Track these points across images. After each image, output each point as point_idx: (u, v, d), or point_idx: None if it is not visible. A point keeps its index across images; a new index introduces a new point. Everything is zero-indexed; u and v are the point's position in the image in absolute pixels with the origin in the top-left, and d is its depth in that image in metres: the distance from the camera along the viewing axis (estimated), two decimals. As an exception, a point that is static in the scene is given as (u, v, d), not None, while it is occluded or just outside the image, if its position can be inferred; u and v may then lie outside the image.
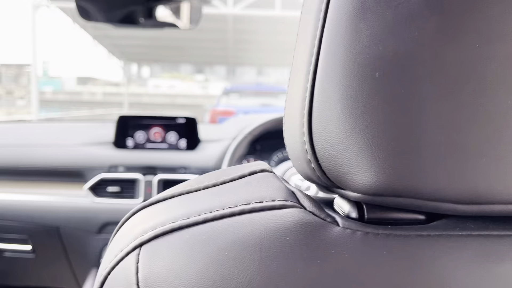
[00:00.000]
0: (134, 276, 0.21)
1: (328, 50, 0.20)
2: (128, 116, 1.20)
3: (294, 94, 0.23)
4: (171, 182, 1.14)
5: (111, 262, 0.23)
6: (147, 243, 0.21)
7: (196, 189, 0.25)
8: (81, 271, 1.21)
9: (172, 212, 0.23)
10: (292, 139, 0.24)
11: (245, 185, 0.24)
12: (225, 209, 0.22)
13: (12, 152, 1.17)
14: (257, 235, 0.20)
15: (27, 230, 1.13)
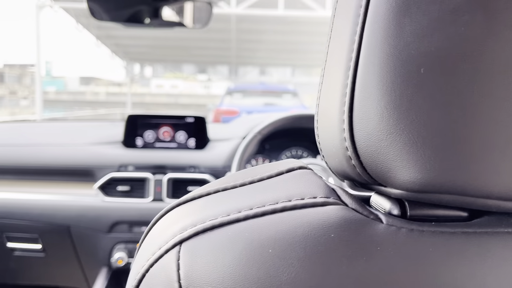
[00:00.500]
0: (175, 273, 0.21)
1: (369, 46, 0.20)
2: (137, 116, 1.20)
3: (330, 91, 0.23)
4: (180, 181, 1.14)
5: (149, 260, 0.22)
6: (187, 240, 0.21)
7: (232, 187, 0.25)
8: (91, 270, 1.22)
9: (211, 209, 0.23)
10: (328, 136, 0.24)
11: (284, 182, 0.24)
12: (266, 206, 0.22)
13: (23, 151, 1.17)
14: (301, 232, 0.20)
15: (38, 229, 1.13)
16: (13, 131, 1.33)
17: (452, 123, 0.19)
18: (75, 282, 1.28)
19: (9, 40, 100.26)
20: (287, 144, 1.28)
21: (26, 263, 1.24)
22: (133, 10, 0.97)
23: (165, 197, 1.12)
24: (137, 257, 0.25)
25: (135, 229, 1.12)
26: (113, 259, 1.12)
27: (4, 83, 21.47)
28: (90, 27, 11.14)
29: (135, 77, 17.62)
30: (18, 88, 21.68)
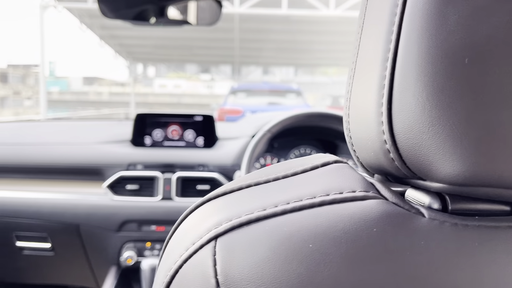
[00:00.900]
0: (211, 268, 0.20)
1: (409, 37, 0.20)
2: (146, 114, 1.20)
3: (364, 84, 0.23)
4: (189, 180, 1.14)
5: (182, 256, 0.22)
6: (223, 235, 0.21)
7: (265, 181, 0.24)
8: (99, 269, 1.21)
9: (246, 204, 0.22)
10: (363, 130, 0.23)
11: (320, 176, 0.24)
12: (304, 200, 0.21)
13: (32, 150, 1.17)
14: (342, 227, 0.20)
15: (47, 228, 1.13)
16: (22, 130, 1.33)
17: (498, 114, 0.18)
18: (84, 281, 1.28)
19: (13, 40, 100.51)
20: (295, 143, 1.28)
21: (35, 262, 1.24)
22: (142, 9, 0.96)
23: (174, 196, 1.12)
24: (167, 253, 0.25)
25: (144, 228, 1.12)
26: (122, 258, 1.11)
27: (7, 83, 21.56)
28: (94, 27, 11.16)
29: (138, 77, 17.66)
30: (22, 89, 21.77)
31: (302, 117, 1.07)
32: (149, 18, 0.97)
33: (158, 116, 1.20)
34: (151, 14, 0.98)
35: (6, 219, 1.13)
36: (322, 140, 1.29)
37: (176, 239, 0.25)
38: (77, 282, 1.31)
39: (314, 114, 1.09)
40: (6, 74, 21.96)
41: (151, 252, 1.12)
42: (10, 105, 20.50)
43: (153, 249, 1.13)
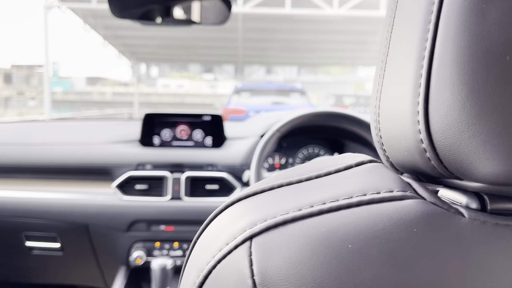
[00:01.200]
0: (247, 269, 0.20)
1: (446, 35, 0.19)
2: (154, 114, 1.19)
3: (397, 83, 0.23)
4: (198, 180, 1.13)
5: (216, 256, 0.22)
6: (259, 235, 0.21)
7: (297, 181, 0.24)
8: (108, 269, 1.21)
9: (280, 204, 0.22)
10: (396, 129, 0.23)
11: (354, 176, 0.24)
12: (340, 200, 0.21)
13: (41, 150, 1.18)
14: (382, 227, 0.20)
15: (56, 228, 1.14)
16: (31, 130, 1.33)
17: None
18: (92, 281, 1.28)
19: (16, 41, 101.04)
20: (303, 142, 1.27)
21: (45, 262, 1.24)
22: (150, 8, 0.96)
23: (183, 196, 1.12)
24: (197, 253, 0.24)
25: (153, 227, 1.12)
26: (131, 258, 1.11)
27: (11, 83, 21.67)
28: (97, 27, 11.19)
29: (142, 77, 17.70)
30: (25, 89, 21.87)
31: (311, 116, 1.06)
32: (157, 18, 0.97)
33: (167, 116, 1.20)
34: (159, 13, 0.97)
35: (16, 219, 1.13)
36: (329, 139, 1.28)
37: (206, 239, 0.24)
38: (86, 282, 1.31)
39: (323, 113, 1.08)
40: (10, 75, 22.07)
41: (160, 252, 1.12)
42: (14, 105, 20.60)
43: (162, 249, 1.12)
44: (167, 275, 0.99)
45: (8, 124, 1.48)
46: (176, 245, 1.13)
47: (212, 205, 1.12)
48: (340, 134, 1.24)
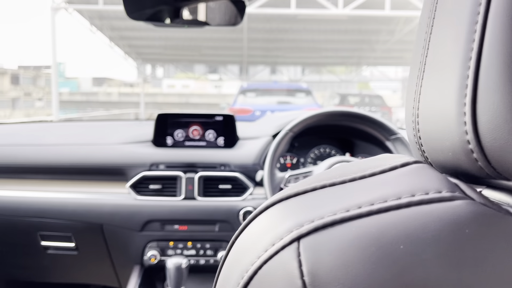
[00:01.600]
0: (296, 269, 0.20)
1: (495, 36, 0.19)
2: (167, 114, 1.20)
3: (440, 84, 0.22)
4: (212, 179, 1.14)
5: (261, 257, 0.22)
6: (307, 236, 0.21)
7: (340, 182, 0.24)
8: (122, 268, 1.22)
9: (327, 205, 0.22)
10: (439, 130, 0.23)
11: (401, 177, 0.23)
12: (389, 201, 0.21)
13: (56, 151, 1.19)
14: (433, 228, 0.20)
15: (71, 227, 1.15)
16: (44, 131, 1.35)
17: None
18: (106, 280, 1.29)
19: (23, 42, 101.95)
20: (314, 142, 1.27)
21: (59, 261, 1.25)
22: (164, 9, 0.97)
23: (197, 195, 1.12)
24: (238, 254, 0.24)
25: (167, 227, 1.13)
26: (146, 257, 1.12)
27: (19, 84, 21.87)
28: (104, 28, 11.26)
29: (147, 78, 17.79)
30: (33, 90, 22.06)
31: (324, 116, 1.07)
32: (170, 19, 0.98)
33: (179, 116, 1.20)
34: (173, 15, 0.98)
35: (31, 219, 1.14)
36: (338, 138, 1.28)
37: (248, 240, 0.24)
38: (100, 281, 1.32)
39: (336, 112, 1.08)
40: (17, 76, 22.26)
41: (174, 251, 1.13)
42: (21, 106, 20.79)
43: (176, 248, 1.13)
44: (182, 274, 1.00)
45: (22, 125, 1.50)
46: (190, 244, 1.13)
47: (225, 204, 1.12)
48: (350, 133, 1.24)
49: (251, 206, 1.11)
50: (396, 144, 1.07)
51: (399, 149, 1.06)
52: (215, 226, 1.13)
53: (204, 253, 1.14)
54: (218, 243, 1.14)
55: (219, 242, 1.14)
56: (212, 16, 0.95)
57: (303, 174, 1.02)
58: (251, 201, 1.13)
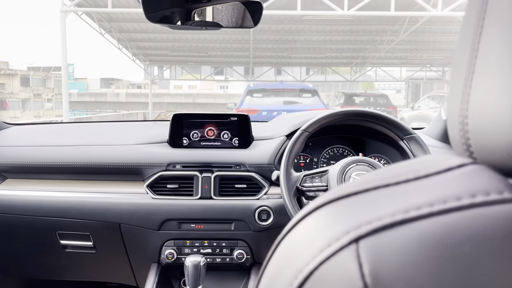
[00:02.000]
0: (357, 271, 0.20)
1: None
2: (182, 115, 1.23)
3: (494, 85, 0.22)
4: (227, 179, 1.17)
5: (317, 258, 0.22)
6: (366, 237, 0.21)
7: (395, 183, 0.24)
8: (138, 267, 1.25)
9: (384, 206, 0.22)
10: (494, 131, 0.23)
11: (459, 178, 0.23)
12: (449, 202, 0.21)
13: (74, 151, 1.22)
14: (497, 229, 0.20)
15: (89, 227, 1.17)
16: (63, 131, 1.38)
17: None
18: (123, 279, 1.32)
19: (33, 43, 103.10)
20: (326, 141, 1.29)
21: (77, 260, 1.28)
22: (182, 12, 1.00)
23: (213, 195, 1.15)
24: (288, 255, 0.25)
25: (183, 226, 1.15)
26: (163, 256, 1.15)
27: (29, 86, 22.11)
28: (112, 30, 11.37)
29: (155, 79, 17.91)
30: (42, 91, 22.30)
31: (340, 115, 1.08)
32: (187, 21, 1.01)
33: (195, 117, 1.23)
34: (190, 17, 1.01)
35: (50, 218, 1.17)
36: (354, 139, 1.30)
37: (299, 240, 0.25)
38: (116, 279, 1.35)
39: (352, 112, 1.10)
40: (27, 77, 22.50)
41: (191, 250, 1.16)
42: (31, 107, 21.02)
43: (193, 247, 1.16)
44: (200, 272, 1.02)
45: (39, 126, 1.54)
46: (206, 243, 1.16)
47: (241, 203, 1.15)
48: (361, 132, 1.25)
49: (266, 205, 1.14)
50: (411, 143, 1.08)
51: (414, 148, 1.08)
52: (231, 225, 1.15)
53: (220, 252, 1.16)
54: (234, 242, 1.16)
55: (235, 241, 1.16)
56: (229, 18, 0.98)
57: (318, 174, 1.04)
58: (266, 200, 1.15)
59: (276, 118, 1.43)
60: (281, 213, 1.13)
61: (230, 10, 0.98)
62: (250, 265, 1.18)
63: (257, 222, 1.14)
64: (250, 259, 1.16)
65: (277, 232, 1.22)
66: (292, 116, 1.35)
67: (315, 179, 1.03)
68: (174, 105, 19.90)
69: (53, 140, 1.28)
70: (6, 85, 20.94)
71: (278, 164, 1.17)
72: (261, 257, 1.19)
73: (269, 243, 1.18)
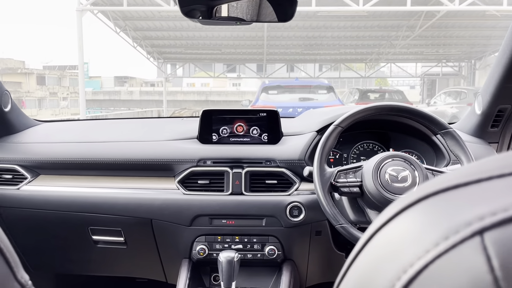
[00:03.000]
0: (484, 264, 0.19)
1: None
2: (212, 111, 1.23)
3: None
4: (258, 175, 1.16)
5: (430, 251, 0.21)
6: (491, 229, 0.20)
7: (510, 173, 0.23)
8: (168, 262, 1.25)
9: (505, 197, 0.21)
10: None
11: None
12: None
13: (107, 147, 1.23)
14: None
15: (121, 222, 1.18)
16: (94, 128, 1.40)
17: None
18: (153, 274, 1.32)
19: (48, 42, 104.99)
20: (355, 136, 1.27)
21: (108, 255, 1.29)
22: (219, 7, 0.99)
23: (244, 190, 1.15)
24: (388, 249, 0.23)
25: (215, 221, 1.15)
26: (194, 251, 1.15)
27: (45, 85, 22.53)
28: (127, 29, 11.48)
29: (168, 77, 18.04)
30: (58, 89, 22.70)
31: (374, 110, 1.06)
32: (221, 17, 1.00)
33: (224, 113, 1.22)
34: (223, 12, 1.01)
35: (83, 214, 1.18)
36: (376, 133, 1.28)
37: (399, 235, 0.23)
38: (146, 275, 1.35)
39: (387, 107, 1.07)
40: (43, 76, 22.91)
41: (222, 245, 1.16)
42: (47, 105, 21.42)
43: (224, 242, 1.16)
44: (234, 268, 1.02)
45: (69, 123, 1.56)
46: (237, 238, 1.16)
47: (272, 199, 1.14)
48: (390, 127, 1.23)
49: (298, 201, 1.13)
50: (446, 138, 1.06)
51: (450, 143, 1.05)
52: (262, 221, 1.15)
53: (251, 247, 1.15)
54: (265, 238, 1.16)
55: (266, 237, 1.16)
56: (263, 13, 0.97)
57: (352, 169, 1.02)
58: (297, 196, 1.14)
59: (303, 114, 1.42)
60: (312, 209, 1.12)
61: (264, 4, 0.97)
62: (281, 261, 1.18)
63: (289, 218, 1.13)
64: (281, 255, 1.16)
65: (307, 228, 1.22)
66: (321, 111, 1.33)
67: (349, 175, 1.02)
68: (187, 103, 20.01)
69: (84, 137, 1.29)
70: (23, 83, 21.38)
71: (309, 160, 1.16)
72: (291, 253, 1.18)
73: (299, 239, 1.18)
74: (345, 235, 0.97)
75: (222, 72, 19.49)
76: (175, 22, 11.00)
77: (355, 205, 1.07)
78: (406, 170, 0.98)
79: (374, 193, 0.96)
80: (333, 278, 1.33)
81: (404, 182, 0.97)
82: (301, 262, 1.22)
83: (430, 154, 1.21)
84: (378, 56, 16.26)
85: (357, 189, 1.00)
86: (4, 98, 1.22)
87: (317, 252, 1.21)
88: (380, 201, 0.96)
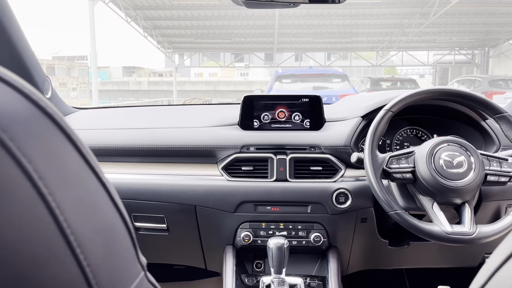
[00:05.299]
0: None
1: None
2: (253, 97, 1.21)
3: None
4: (302, 161, 1.15)
5: None
6: None
7: None
8: (209, 249, 1.25)
9: None
10: None
11: None
12: None
13: (150, 133, 1.21)
14: None
15: (164, 209, 1.17)
16: (130, 115, 1.39)
17: None
18: (192, 261, 1.32)
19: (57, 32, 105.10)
20: (400, 124, 1.25)
21: (149, 242, 1.28)
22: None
23: (288, 177, 1.14)
24: None
25: (259, 208, 1.14)
26: (239, 238, 1.15)
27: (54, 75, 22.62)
28: (138, 18, 11.43)
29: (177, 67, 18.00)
30: (67, 80, 22.80)
31: (426, 94, 1.03)
32: None
33: (265, 99, 1.21)
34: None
35: (127, 201, 1.17)
36: (419, 118, 1.25)
37: None
38: (186, 261, 1.35)
39: (439, 91, 1.04)
40: (53, 66, 23.00)
41: (266, 232, 1.15)
42: (57, 96, 21.50)
43: (268, 229, 1.15)
44: (284, 254, 1.01)
45: (106, 110, 1.55)
46: (282, 225, 1.15)
47: (317, 186, 1.13)
48: (436, 112, 1.20)
49: (344, 188, 1.12)
50: (501, 123, 1.03)
51: (505, 128, 1.02)
52: (308, 207, 1.13)
53: (296, 234, 1.14)
54: (310, 225, 1.15)
55: (311, 224, 1.14)
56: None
57: (405, 155, 1.01)
58: (343, 182, 1.12)
59: (343, 99, 1.40)
60: (359, 196, 1.11)
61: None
62: (326, 248, 1.17)
63: (335, 205, 1.12)
64: (326, 242, 1.15)
65: (353, 215, 1.21)
66: (362, 97, 1.31)
67: (401, 160, 1.00)
68: (196, 93, 19.99)
69: (123, 123, 1.28)
70: (33, 74, 21.43)
71: (355, 146, 1.14)
72: (336, 240, 1.17)
73: (344, 226, 1.16)
74: (399, 221, 0.96)
75: (231, 62, 19.38)
76: (185, 11, 10.92)
77: (405, 191, 1.05)
78: (462, 155, 0.96)
79: (428, 179, 0.94)
80: (373, 265, 1.32)
81: (460, 167, 0.94)
82: (345, 249, 1.21)
83: (477, 140, 1.18)
84: (390, 45, 16.00)
85: (409, 175, 0.98)
86: (45, 84, 1.21)
87: (361, 239, 1.20)
88: (434, 187, 0.94)
